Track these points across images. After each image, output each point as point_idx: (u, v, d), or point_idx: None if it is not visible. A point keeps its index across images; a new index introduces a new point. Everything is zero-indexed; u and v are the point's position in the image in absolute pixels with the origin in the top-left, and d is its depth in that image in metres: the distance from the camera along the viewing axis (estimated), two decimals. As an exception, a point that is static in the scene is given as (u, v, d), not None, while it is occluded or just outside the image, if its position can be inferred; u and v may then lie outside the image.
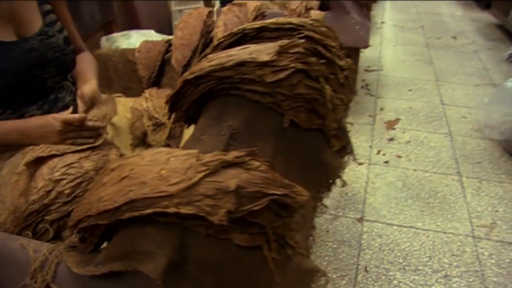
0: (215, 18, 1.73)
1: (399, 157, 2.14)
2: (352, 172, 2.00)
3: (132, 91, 1.74)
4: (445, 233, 1.67)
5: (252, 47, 0.91)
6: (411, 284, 1.46)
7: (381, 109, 2.63)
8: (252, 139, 0.86)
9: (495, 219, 1.76)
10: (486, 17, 4.77)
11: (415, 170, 2.04)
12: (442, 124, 2.48)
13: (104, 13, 2.80)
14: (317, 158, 0.99)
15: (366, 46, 2.22)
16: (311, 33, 1.02)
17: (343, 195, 1.85)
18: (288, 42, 0.88)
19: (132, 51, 1.80)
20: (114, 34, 2.75)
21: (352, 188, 1.90)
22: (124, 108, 1.43)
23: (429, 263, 1.53)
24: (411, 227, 1.69)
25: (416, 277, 1.48)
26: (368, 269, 1.50)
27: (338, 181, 1.90)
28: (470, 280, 1.48)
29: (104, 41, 2.70)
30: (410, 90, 2.93)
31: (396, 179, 1.97)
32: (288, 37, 1.01)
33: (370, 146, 2.23)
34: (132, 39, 2.69)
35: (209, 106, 0.93)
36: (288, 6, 2.30)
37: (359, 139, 2.29)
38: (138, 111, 1.42)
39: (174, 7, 3.58)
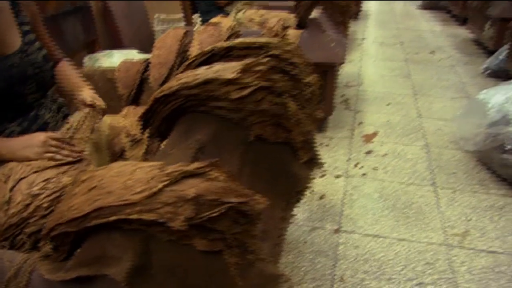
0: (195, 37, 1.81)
1: (376, 169, 2.21)
2: (330, 185, 2.07)
3: (112, 109, 1.79)
4: (419, 242, 1.73)
5: (218, 66, 0.97)
6: (385, 292, 1.51)
7: (360, 123, 2.71)
8: (219, 152, 0.92)
9: (468, 227, 1.83)
10: (463, 32, 4.94)
11: (391, 181, 2.11)
12: (419, 136, 2.57)
13: (87, 33, 2.87)
14: (284, 169, 1.05)
15: (342, 62, 2.31)
16: (277, 52, 1.09)
17: (321, 208, 1.91)
18: (252, 61, 0.94)
19: (112, 70, 1.86)
20: (97, 54, 2.81)
21: (329, 201, 1.96)
22: (102, 125, 1.48)
23: (403, 272, 1.59)
24: (386, 237, 1.75)
25: (391, 286, 1.54)
26: (343, 278, 1.55)
27: (316, 194, 1.96)
28: (443, 287, 1.54)
29: (86, 60, 2.76)
30: (388, 104, 3.02)
31: (373, 191, 2.03)
32: (255, 55, 1.08)
33: (348, 159, 2.30)
34: (114, 58, 2.75)
35: (179, 122, 0.99)
36: (265, 25, 2.38)
37: (337, 153, 2.36)
38: (116, 128, 1.47)
39: (157, 26, 3.66)
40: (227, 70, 0.93)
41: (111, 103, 1.87)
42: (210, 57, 1.13)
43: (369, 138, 2.52)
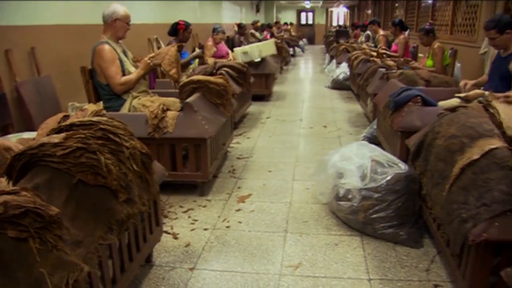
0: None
1: (240, 222, 2.80)
2: (197, 236, 2.62)
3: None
4: (257, 273, 2.28)
5: (54, 135, 1.57)
6: (219, 310, 2.02)
7: (239, 188, 3.35)
8: (50, 190, 1.49)
9: (302, 260, 2.40)
10: (359, 108, 5.89)
11: (249, 231, 2.69)
12: (286, 195, 3.22)
13: (2, 118, 3.43)
14: (104, 204, 1.62)
15: (210, 136, 2.98)
16: (105, 126, 1.71)
17: (184, 253, 2.44)
18: (73, 132, 1.56)
19: (10, 146, 2.41)
20: (9, 135, 3.35)
21: (193, 247, 2.50)
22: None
23: (238, 295, 2.12)
24: (231, 271, 2.29)
25: (225, 305, 2.05)
26: (187, 302, 2.06)
27: (182, 243, 2.51)
28: (268, 304, 2.08)
29: (-1, 142, 3.29)
30: (270, 171, 3.70)
31: (231, 239, 2.60)
32: (88, 129, 1.69)
33: (219, 216, 2.88)
34: (22, 141, 3.29)
35: (28, 173, 1.55)
36: (148, 109, 3.05)
37: (211, 211, 2.95)
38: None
39: (71, 112, 4.27)
40: (56, 137, 1.54)
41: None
42: (58, 132, 1.73)
43: (242, 199, 3.14)
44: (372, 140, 4.33)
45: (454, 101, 3.37)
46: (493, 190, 1.81)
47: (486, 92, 3.21)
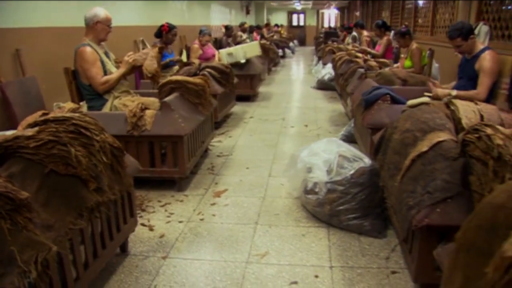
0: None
1: (214, 215, 2.96)
2: (172, 228, 2.78)
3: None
4: (225, 261, 2.44)
5: (28, 129, 1.73)
6: (188, 295, 2.19)
7: (216, 183, 3.51)
8: (23, 179, 1.64)
9: (269, 250, 2.57)
10: (341, 107, 6.07)
11: (222, 223, 2.86)
12: (261, 190, 3.39)
13: (-13, 118, 3.57)
14: (75, 192, 1.78)
15: (186, 134, 3.14)
16: (77, 121, 1.88)
17: (158, 243, 2.61)
18: (45, 126, 1.72)
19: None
20: (-8, 135, 3.50)
21: (167, 238, 2.66)
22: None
23: (205, 281, 2.28)
24: (201, 259, 2.45)
25: (193, 289, 2.22)
26: (158, 287, 2.22)
27: (157, 234, 2.67)
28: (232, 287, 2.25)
29: (-18, 141, 3.44)
30: (247, 168, 3.87)
31: (204, 230, 2.77)
32: (62, 123, 1.85)
33: (194, 210, 3.04)
34: (6, 140, 3.45)
35: (4, 164, 1.71)
36: (128, 108, 3.22)
37: (187, 206, 3.11)
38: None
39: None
40: (30, 131, 1.70)
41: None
42: (34, 126, 1.89)
43: (218, 193, 3.30)
44: (350, 138, 4.51)
45: (422, 99, 3.55)
46: (437, 179, 1.98)
47: (454, 91, 3.42)
